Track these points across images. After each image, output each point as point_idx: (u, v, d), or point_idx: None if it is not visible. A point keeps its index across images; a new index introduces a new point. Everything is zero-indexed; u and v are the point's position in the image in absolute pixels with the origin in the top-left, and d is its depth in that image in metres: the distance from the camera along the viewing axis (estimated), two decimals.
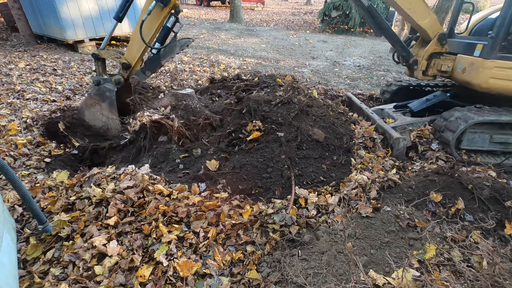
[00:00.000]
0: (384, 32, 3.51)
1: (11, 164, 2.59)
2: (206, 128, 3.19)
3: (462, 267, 1.70)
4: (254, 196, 2.33)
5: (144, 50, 3.26)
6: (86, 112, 3.32)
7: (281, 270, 1.74)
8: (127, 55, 3.29)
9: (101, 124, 3.31)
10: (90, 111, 3.31)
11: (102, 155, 3.11)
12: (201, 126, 3.13)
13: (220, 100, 3.96)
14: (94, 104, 3.27)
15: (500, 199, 2.10)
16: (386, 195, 2.36)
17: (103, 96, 3.24)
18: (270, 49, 8.98)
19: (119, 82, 3.27)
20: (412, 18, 3.23)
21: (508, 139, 3.04)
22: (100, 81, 3.22)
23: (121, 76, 3.30)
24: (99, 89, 3.24)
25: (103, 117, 3.29)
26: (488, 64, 2.99)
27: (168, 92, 3.38)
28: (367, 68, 7.28)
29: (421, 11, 3.21)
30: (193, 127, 3.08)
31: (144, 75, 3.31)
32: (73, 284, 1.59)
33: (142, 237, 1.88)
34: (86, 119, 3.33)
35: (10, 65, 5.60)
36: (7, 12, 8.37)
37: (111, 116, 3.28)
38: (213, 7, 21.40)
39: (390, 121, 3.69)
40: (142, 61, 3.41)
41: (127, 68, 3.29)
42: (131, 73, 3.32)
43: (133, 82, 3.32)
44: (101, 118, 3.30)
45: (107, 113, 3.27)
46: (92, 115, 3.31)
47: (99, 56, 3.24)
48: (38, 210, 1.70)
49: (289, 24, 14.58)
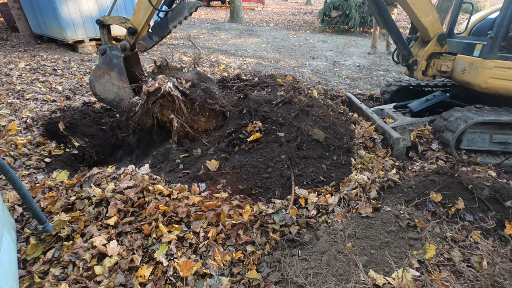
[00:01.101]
0: (388, 26, 3.49)
1: (11, 164, 2.59)
2: (219, 116, 3.12)
3: (462, 267, 1.70)
4: (254, 196, 2.33)
5: (151, 14, 3.10)
6: (96, 84, 3.16)
7: (281, 270, 1.74)
8: (133, 19, 3.13)
9: (113, 95, 3.15)
10: (100, 83, 3.15)
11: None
12: (215, 113, 3.04)
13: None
14: (103, 75, 3.13)
15: (500, 199, 2.10)
16: (386, 195, 2.36)
17: (111, 64, 3.10)
18: (270, 49, 8.98)
19: (125, 47, 3.13)
20: (415, 14, 3.22)
21: (508, 139, 3.04)
22: (106, 50, 3.11)
23: (127, 42, 3.15)
24: (106, 57, 3.11)
25: (113, 87, 3.12)
26: (488, 64, 2.99)
27: (193, 69, 3.19)
28: (367, 68, 7.28)
29: (425, 7, 3.21)
30: (207, 112, 2.96)
31: (151, 41, 3.16)
32: (73, 284, 1.59)
33: (142, 237, 1.88)
34: (97, 92, 3.19)
35: (10, 65, 5.60)
36: (7, 12, 8.37)
37: (121, 85, 3.12)
38: (213, 7, 21.40)
39: (390, 121, 3.69)
40: (148, 26, 3.25)
41: (133, 34, 3.13)
42: (137, 39, 3.16)
43: (140, 48, 3.16)
44: (112, 89, 3.13)
45: (117, 82, 3.12)
46: (103, 87, 3.15)
47: (104, 23, 3.12)
48: (38, 210, 1.70)
49: (289, 24, 14.58)
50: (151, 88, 2.72)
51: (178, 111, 2.81)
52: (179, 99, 2.76)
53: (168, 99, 2.77)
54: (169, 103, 2.80)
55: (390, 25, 3.46)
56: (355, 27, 12.20)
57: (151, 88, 2.72)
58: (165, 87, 2.70)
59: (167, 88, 2.71)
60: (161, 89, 2.70)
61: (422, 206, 2.17)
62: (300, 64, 7.40)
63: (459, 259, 1.77)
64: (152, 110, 2.82)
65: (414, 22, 3.40)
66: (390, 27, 3.48)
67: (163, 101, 2.78)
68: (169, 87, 2.71)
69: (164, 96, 2.75)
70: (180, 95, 2.78)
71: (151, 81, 2.77)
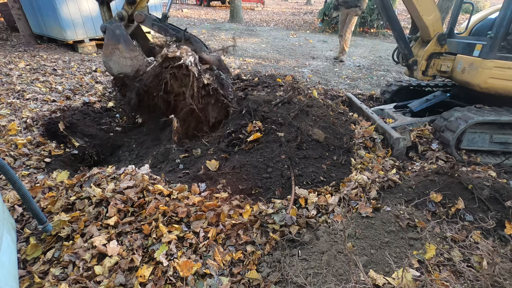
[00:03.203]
0: (391, 23, 3.49)
1: (11, 164, 2.59)
2: (222, 110, 3.09)
3: (462, 267, 1.70)
4: (254, 196, 2.33)
5: None
6: (111, 64, 3.07)
7: (281, 270, 1.74)
8: None
9: (129, 69, 3.06)
10: (113, 62, 3.05)
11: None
12: (221, 105, 3.00)
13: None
14: (113, 51, 3.04)
15: (500, 199, 2.10)
16: (386, 195, 2.36)
17: (115, 37, 3.01)
18: (270, 49, 8.98)
19: (122, 16, 3.03)
20: (418, 11, 3.21)
21: (508, 139, 3.04)
22: (106, 26, 3.02)
23: (125, 11, 3.05)
24: (108, 33, 3.02)
25: (127, 61, 3.02)
26: (488, 64, 2.99)
27: (216, 52, 3.09)
28: (367, 68, 7.28)
29: (428, 5, 3.21)
30: (213, 100, 2.88)
31: (150, 16, 3.06)
32: (73, 284, 1.59)
33: (142, 237, 1.88)
34: (115, 73, 3.10)
35: (10, 65, 5.60)
36: (7, 12, 8.38)
37: (132, 55, 3.01)
38: (213, 7, 21.39)
39: (390, 121, 3.69)
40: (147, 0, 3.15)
41: (132, 3, 3.02)
42: (135, 9, 3.05)
43: (138, 18, 3.06)
44: (126, 63, 3.04)
45: (128, 54, 3.01)
46: (117, 64, 3.06)
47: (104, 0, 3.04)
48: (38, 210, 1.70)
49: (289, 24, 14.58)
50: (171, 54, 2.62)
51: (188, 88, 2.73)
52: (194, 77, 2.68)
53: (183, 72, 2.69)
54: (182, 77, 2.72)
55: (393, 22, 3.45)
56: (355, 27, 12.19)
57: (171, 54, 2.63)
58: (186, 60, 2.61)
59: (187, 62, 2.62)
60: (181, 60, 2.61)
61: (422, 206, 2.17)
62: (300, 64, 7.40)
63: (459, 259, 1.77)
64: (163, 74, 2.73)
65: (416, 20, 3.39)
66: (393, 24, 3.46)
67: (178, 72, 2.70)
68: (190, 62, 2.63)
69: (181, 68, 2.65)
70: (197, 73, 2.70)
71: (174, 48, 2.68)
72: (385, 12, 3.41)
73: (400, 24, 3.52)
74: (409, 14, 3.51)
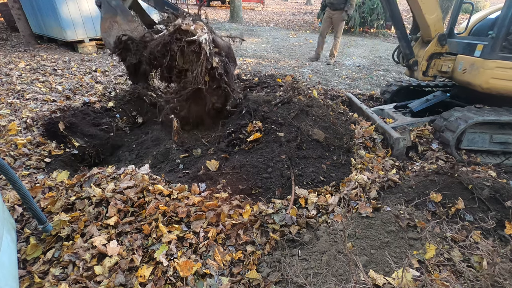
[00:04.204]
0: (394, 21, 3.47)
1: (11, 164, 2.58)
2: (221, 97, 3.01)
3: (462, 267, 1.70)
4: (254, 196, 2.33)
5: None
6: (111, 40, 2.90)
7: (281, 270, 1.74)
8: None
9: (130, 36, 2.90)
10: (113, 36, 2.90)
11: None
12: (223, 94, 2.93)
13: None
14: (111, 25, 2.90)
15: (500, 199, 2.10)
16: (386, 195, 2.36)
17: (111, 9, 2.88)
18: (270, 49, 8.98)
19: None
20: (421, 9, 3.20)
21: (508, 139, 3.04)
22: (101, 0, 2.90)
23: None
24: (104, 6, 2.90)
25: (126, 34, 2.87)
26: (489, 64, 2.98)
27: (228, 38, 2.94)
28: (367, 68, 7.28)
29: (432, 4, 3.20)
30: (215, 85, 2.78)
31: None
32: (73, 284, 1.59)
33: (142, 237, 1.88)
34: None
35: (10, 65, 5.60)
36: (7, 12, 8.38)
37: (132, 26, 2.87)
38: (213, 7, 21.39)
39: (390, 121, 3.69)
40: None
41: None
42: None
43: None
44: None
45: (127, 26, 2.88)
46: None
47: None
48: (38, 210, 1.70)
49: (289, 24, 14.58)
50: (185, 27, 2.45)
51: (196, 66, 2.59)
52: (205, 56, 2.52)
53: (194, 48, 2.53)
54: (190, 53, 2.57)
55: (397, 20, 3.43)
56: (355, 27, 12.20)
57: (185, 27, 2.45)
58: (200, 36, 2.44)
59: (202, 39, 2.46)
60: (195, 35, 2.45)
61: (422, 206, 2.17)
62: (300, 64, 7.40)
63: (459, 259, 1.77)
64: (171, 45, 2.56)
65: (418, 18, 3.38)
66: (396, 22, 3.44)
67: (188, 47, 2.54)
68: (204, 39, 2.46)
69: (193, 44, 2.49)
70: (208, 53, 2.55)
71: (189, 21, 2.51)
72: (389, 7, 3.38)
73: (403, 23, 3.50)
74: (411, 12, 3.50)
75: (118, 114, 3.84)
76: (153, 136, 3.27)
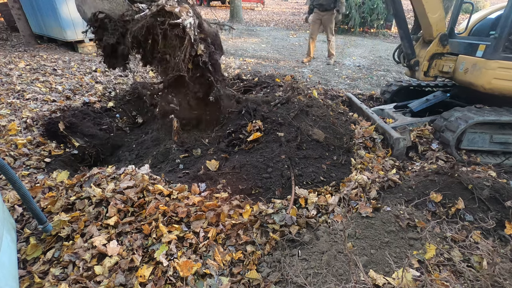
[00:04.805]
0: (397, 20, 3.46)
1: (11, 164, 2.59)
2: (204, 86, 2.87)
3: (462, 267, 1.70)
4: (254, 196, 2.33)
5: None
6: (85, 8, 2.54)
7: (281, 270, 1.74)
8: None
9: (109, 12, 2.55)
10: (88, 5, 2.53)
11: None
12: (204, 81, 2.79)
13: None
14: None
15: (500, 199, 2.10)
16: (386, 195, 2.36)
17: None
18: (270, 49, 8.98)
19: None
20: (424, 8, 3.19)
21: (508, 139, 3.04)
22: None
23: None
24: None
25: (104, 4, 2.53)
26: (492, 64, 2.96)
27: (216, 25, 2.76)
28: (367, 68, 7.28)
29: (435, 3, 3.19)
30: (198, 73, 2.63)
31: None
32: (73, 284, 1.59)
33: (142, 237, 1.88)
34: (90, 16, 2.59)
35: (10, 65, 5.60)
36: (7, 12, 8.38)
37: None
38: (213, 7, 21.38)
39: (390, 121, 3.69)
40: None
41: None
42: None
43: None
44: (103, 6, 2.54)
45: None
46: (93, 8, 2.54)
47: None
48: (38, 210, 1.70)
49: (289, 24, 14.58)
50: (169, 8, 2.25)
51: (179, 52, 2.42)
52: (189, 41, 2.36)
53: (177, 33, 2.36)
54: (174, 38, 2.40)
55: (400, 19, 3.42)
56: (355, 27, 12.19)
57: (169, 8, 2.25)
58: (185, 20, 2.26)
59: (186, 23, 2.28)
60: (179, 18, 2.26)
61: (422, 206, 2.17)
62: (300, 64, 7.40)
63: (459, 259, 1.77)
64: (154, 27, 2.36)
65: (420, 17, 3.36)
66: (400, 21, 3.43)
67: (171, 30, 2.35)
68: (189, 23, 2.29)
69: (176, 27, 2.32)
70: (193, 39, 2.39)
71: (174, 2, 2.32)
72: (393, 5, 3.35)
73: (406, 22, 3.48)
74: (413, 11, 3.49)
75: (118, 114, 3.85)
76: (153, 136, 3.27)
